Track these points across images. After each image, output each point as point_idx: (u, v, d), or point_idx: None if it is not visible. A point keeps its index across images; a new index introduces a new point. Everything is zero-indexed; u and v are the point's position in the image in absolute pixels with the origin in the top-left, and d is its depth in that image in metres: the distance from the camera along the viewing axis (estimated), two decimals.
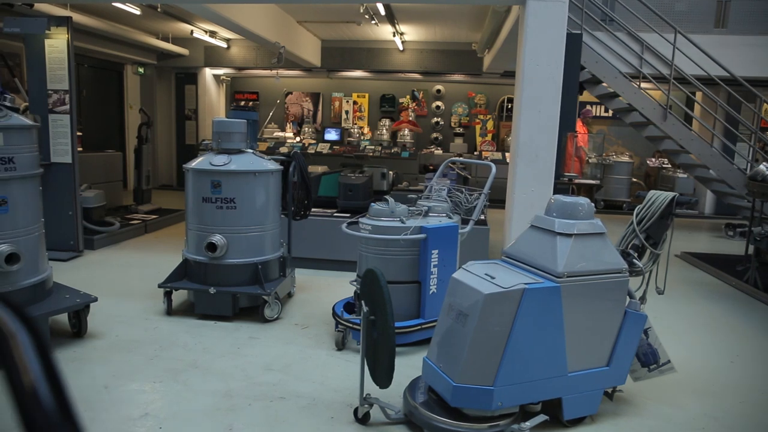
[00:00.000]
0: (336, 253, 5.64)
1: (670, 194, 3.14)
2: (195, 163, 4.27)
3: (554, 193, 5.36)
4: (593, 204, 3.01)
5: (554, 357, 2.74)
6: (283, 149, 9.93)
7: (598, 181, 6.74)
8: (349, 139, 11.64)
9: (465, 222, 4.12)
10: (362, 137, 11.66)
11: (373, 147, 10.66)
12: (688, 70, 7.54)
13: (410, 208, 3.88)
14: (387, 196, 3.84)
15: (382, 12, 7.89)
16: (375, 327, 2.71)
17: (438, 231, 3.72)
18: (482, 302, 2.58)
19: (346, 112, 12.44)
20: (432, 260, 3.72)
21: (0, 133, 3.39)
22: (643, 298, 3.11)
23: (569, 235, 2.78)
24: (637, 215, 3.20)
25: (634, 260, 3.11)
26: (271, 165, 4.36)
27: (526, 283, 2.64)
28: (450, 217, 3.96)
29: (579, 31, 6.55)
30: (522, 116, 5.27)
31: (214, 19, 7.02)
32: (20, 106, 4.81)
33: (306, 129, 12.14)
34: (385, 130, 11.70)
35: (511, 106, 12.53)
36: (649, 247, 3.15)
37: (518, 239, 3.08)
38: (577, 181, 5.95)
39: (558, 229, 2.81)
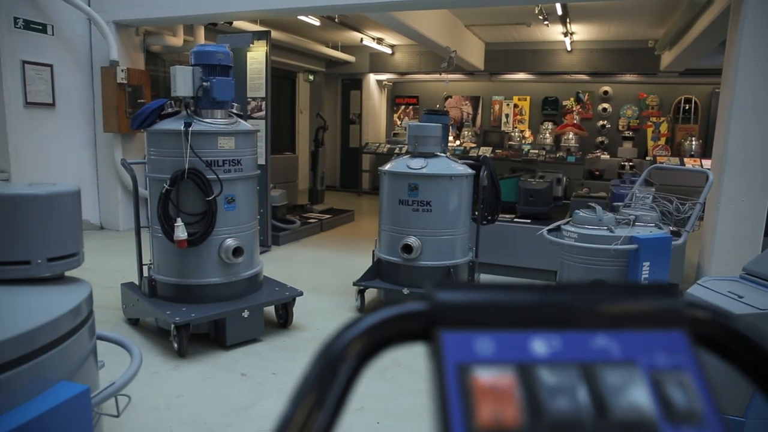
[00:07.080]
0: (515, 259, 5.52)
1: None
2: (391, 166, 4.41)
3: None
4: None
5: None
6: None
7: None
8: (510, 143, 11.41)
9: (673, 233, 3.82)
10: (523, 141, 11.38)
11: (536, 151, 10.36)
12: None
13: (617, 217, 3.67)
14: (594, 204, 3.66)
15: (559, 12, 7.62)
16: None
17: (651, 242, 3.47)
18: None
19: (507, 116, 12.22)
20: (642, 273, 3.48)
21: (232, 138, 3.75)
22: None
23: None
24: None
25: None
26: (465, 169, 4.36)
27: None
28: (660, 228, 3.69)
29: None
30: (733, 119, 4.78)
31: (394, 25, 7.24)
32: None
33: (465, 132, 12.11)
34: (548, 134, 11.33)
35: (689, 107, 11.57)
36: None
37: (763, 255, 2.77)
38: None
39: None
